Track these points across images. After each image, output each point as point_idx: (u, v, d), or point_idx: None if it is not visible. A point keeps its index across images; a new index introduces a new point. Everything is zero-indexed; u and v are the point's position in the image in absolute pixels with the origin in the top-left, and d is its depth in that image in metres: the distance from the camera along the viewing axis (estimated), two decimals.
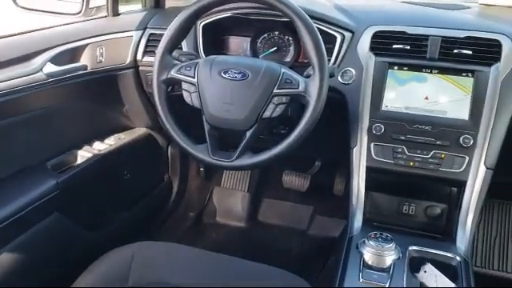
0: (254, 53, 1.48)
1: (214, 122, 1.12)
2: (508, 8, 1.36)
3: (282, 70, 1.10)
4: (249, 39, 1.48)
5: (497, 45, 1.17)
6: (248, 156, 1.11)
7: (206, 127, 1.13)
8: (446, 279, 1.00)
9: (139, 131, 1.74)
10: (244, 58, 1.37)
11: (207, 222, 2.11)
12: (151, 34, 1.50)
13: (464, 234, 1.15)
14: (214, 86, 1.11)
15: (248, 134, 1.10)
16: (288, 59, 1.45)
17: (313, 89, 1.06)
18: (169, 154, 1.92)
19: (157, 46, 1.18)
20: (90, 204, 1.46)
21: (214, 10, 1.28)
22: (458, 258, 1.07)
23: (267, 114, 1.08)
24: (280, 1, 1.08)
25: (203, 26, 1.42)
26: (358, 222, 1.22)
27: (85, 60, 1.39)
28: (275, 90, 1.08)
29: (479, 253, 1.85)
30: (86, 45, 1.38)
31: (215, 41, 1.49)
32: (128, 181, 1.64)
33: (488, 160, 1.14)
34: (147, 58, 1.49)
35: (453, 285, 0.99)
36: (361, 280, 0.99)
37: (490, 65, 1.16)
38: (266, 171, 2.17)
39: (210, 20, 1.41)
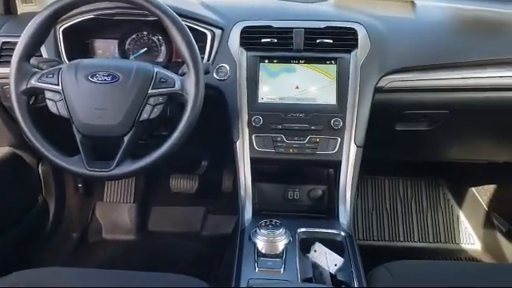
0: (124, 55, 1.42)
1: (86, 130, 1.05)
2: None
3: (156, 70, 1.07)
4: (116, 41, 1.41)
5: (353, 33, 1.27)
6: (128, 162, 1.06)
7: (78, 137, 1.06)
8: (335, 255, 1.06)
9: (2, 151, 1.57)
10: (112, 60, 1.31)
11: (93, 240, 1.99)
12: (4, 42, 1.35)
13: (345, 211, 1.23)
14: (82, 92, 1.03)
15: (126, 139, 1.05)
16: (161, 59, 1.42)
17: (189, 86, 1.05)
18: (40, 172, 1.76)
19: (12, 55, 1.07)
20: None
21: (73, 12, 1.20)
22: (342, 234, 1.15)
23: (144, 116, 1.04)
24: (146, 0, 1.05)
25: (64, 30, 1.32)
26: (248, 213, 1.24)
27: None
28: (150, 91, 1.04)
29: (360, 227, 2.01)
30: None
31: (79, 45, 1.39)
32: None
33: (357, 139, 1.23)
34: (2, 70, 1.33)
35: (341, 259, 1.05)
36: (257, 269, 1.00)
37: (349, 51, 1.26)
38: (151, 178, 2.11)
39: (71, 23, 1.32)
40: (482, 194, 2.02)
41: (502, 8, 1.42)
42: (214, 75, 1.27)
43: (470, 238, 2.01)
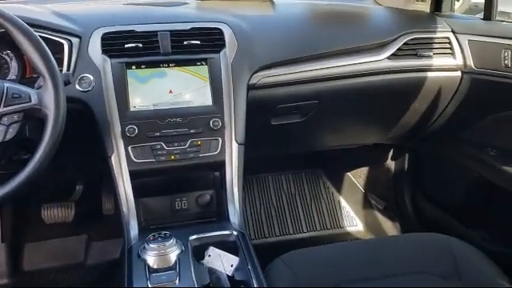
0: None
1: None
2: (221, 1, 1.50)
3: (6, 85, 0.95)
4: None
5: (219, 32, 1.27)
6: None
7: None
8: (230, 255, 1.04)
9: None
10: None
11: None
12: None
13: (234, 210, 1.22)
14: None
15: None
16: (13, 77, 1.26)
17: (48, 99, 0.95)
18: None
19: None
20: None
21: None
22: (234, 233, 1.13)
23: None
24: None
25: None
26: (134, 230, 1.16)
27: None
28: (2, 109, 0.92)
29: (251, 226, 2.03)
30: None
31: None
32: None
33: (238, 137, 1.23)
34: None
35: (237, 258, 1.03)
36: (150, 286, 0.94)
37: (218, 52, 1.26)
38: (19, 210, 1.88)
39: None
40: (357, 177, 2.18)
41: (353, 2, 1.55)
42: (77, 87, 1.17)
43: (352, 220, 2.15)
